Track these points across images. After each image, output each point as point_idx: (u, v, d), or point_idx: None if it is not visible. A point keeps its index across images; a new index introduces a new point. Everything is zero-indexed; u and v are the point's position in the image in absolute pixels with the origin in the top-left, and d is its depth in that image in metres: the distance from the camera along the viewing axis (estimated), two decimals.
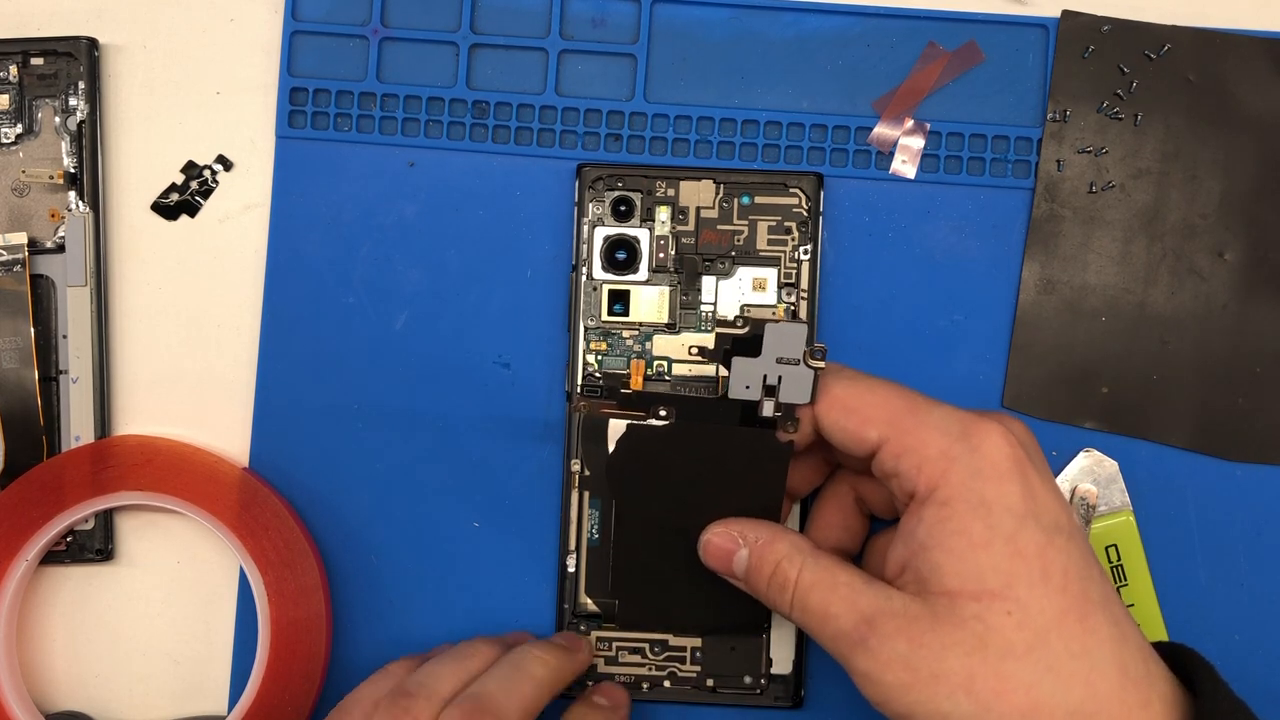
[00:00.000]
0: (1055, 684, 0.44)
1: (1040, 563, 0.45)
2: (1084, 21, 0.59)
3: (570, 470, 0.57)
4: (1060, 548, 0.45)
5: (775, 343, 0.52)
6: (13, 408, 0.58)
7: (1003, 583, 0.45)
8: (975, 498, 0.46)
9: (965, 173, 0.59)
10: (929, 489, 0.47)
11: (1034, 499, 0.46)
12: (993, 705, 0.44)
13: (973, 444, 0.46)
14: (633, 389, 0.56)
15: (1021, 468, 0.46)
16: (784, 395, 0.52)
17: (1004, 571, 0.45)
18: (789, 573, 0.49)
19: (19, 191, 0.59)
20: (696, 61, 0.60)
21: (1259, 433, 0.58)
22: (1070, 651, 0.45)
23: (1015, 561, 0.45)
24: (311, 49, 0.60)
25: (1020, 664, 0.44)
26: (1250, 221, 0.58)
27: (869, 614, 0.46)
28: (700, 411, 0.54)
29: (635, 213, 0.57)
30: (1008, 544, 0.45)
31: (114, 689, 0.60)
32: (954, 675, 0.45)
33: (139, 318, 0.60)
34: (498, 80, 0.60)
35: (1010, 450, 0.46)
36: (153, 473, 0.57)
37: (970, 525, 0.45)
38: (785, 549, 0.50)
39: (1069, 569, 0.45)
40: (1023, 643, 0.44)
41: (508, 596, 0.58)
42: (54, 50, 0.59)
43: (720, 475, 0.54)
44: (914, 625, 0.45)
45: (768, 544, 0.51)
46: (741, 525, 0.52)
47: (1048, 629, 0.44)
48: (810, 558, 0.49)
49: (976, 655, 0.44)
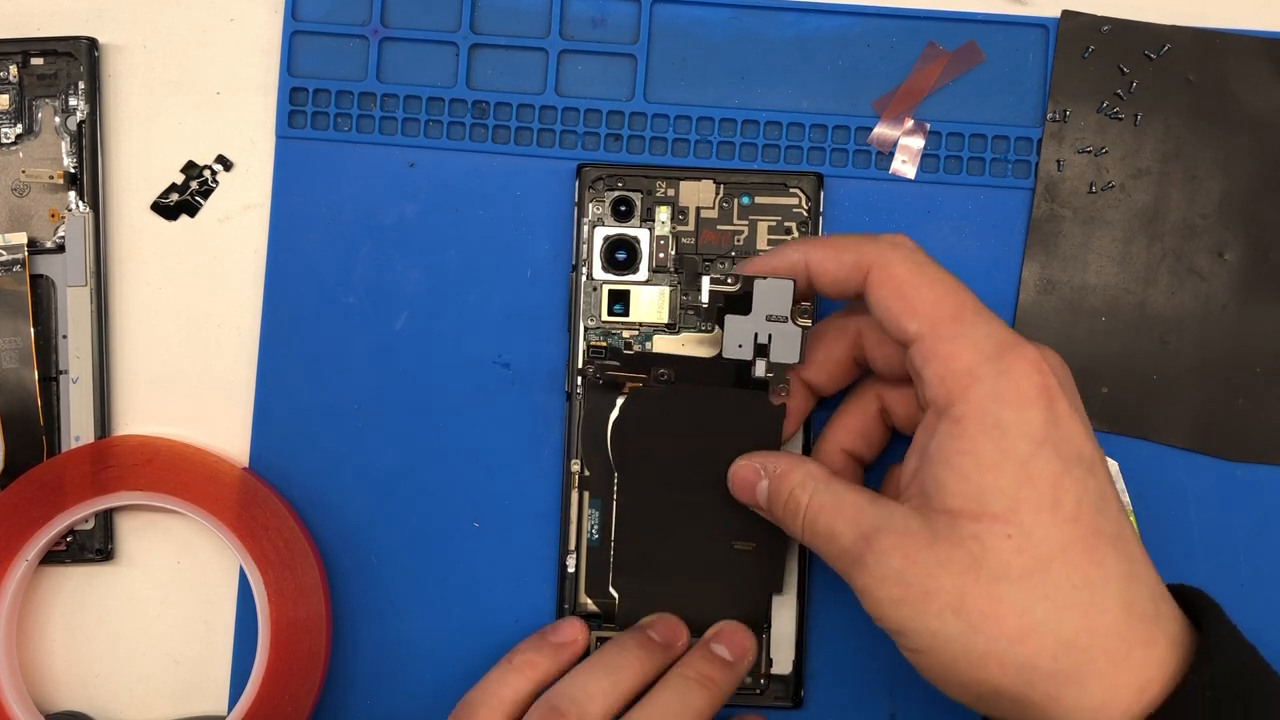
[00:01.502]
0: (1050, 612, 0.44)
1: (1052, 491, 0.44)
2: (1084, 21, 0.59)
3: (570, 470, 0.57)
4: (1077, 479, 0.45)
5: (764, 299, 0.52)
6: (13, 408, 0.58)
7: (1007, 506, 0.44)
8: (991, 419, 0.45)
9: (965, 173, 0.59)
10: (947, 403, 0.46)
11: (1057, 428, 0.45)
12: (981, 626, 0.44)
13: (1002, 366, 0.46)
14: (634, 351, 0.57)
15: (1049, 396, 0.45)
16: (775, 355, 0.53)
17: (1010, 495, 0.44)
18: (800, 498, 0.50)
19: (19, 191, 0.59)
20: (696, 61, 0.60)
21: (1259, 433, 0.58)
22: (1071, 582, 0.44)
23: (1024, 487, 0.44)
24: (311, 49, 0.60)
25: (1014, 588, 0.44)
26: (1250, 221, 0.58)
27: (868, 531, 0.47)
28: (697, 373, 0.55)
29: (635, 213, 0.57)
30: (1019, 469, 0.44)
31: (114, 689, 0.60)
32: (945, 593, 0.45)
33: (139, 318, 0.60)
34: (498, 80, 0.60)
35: (1040, 378, 0.45)
36: (153, 473, 0.57)
37: (981, 446, 0.45)
38: (799, 477, 0.51)
39: (1083, 500, 0.45)
40: (1020, 567, 0.44)
41: (508, 596, 0.58)
42: (54, 50, 0.59)
43: (717, 438, 0.55)
44: (910, 541, 0.46)
45: (785, 473, 0.51)
46: (764, 457, 0.53)
47: (1050, 557, 0.44)
48: (822, 484, 0.50)
49: (969, 575, 0.44)
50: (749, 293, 0.52)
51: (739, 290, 0.52)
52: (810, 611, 0.58)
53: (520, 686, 0.53)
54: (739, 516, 0.55)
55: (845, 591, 0.57)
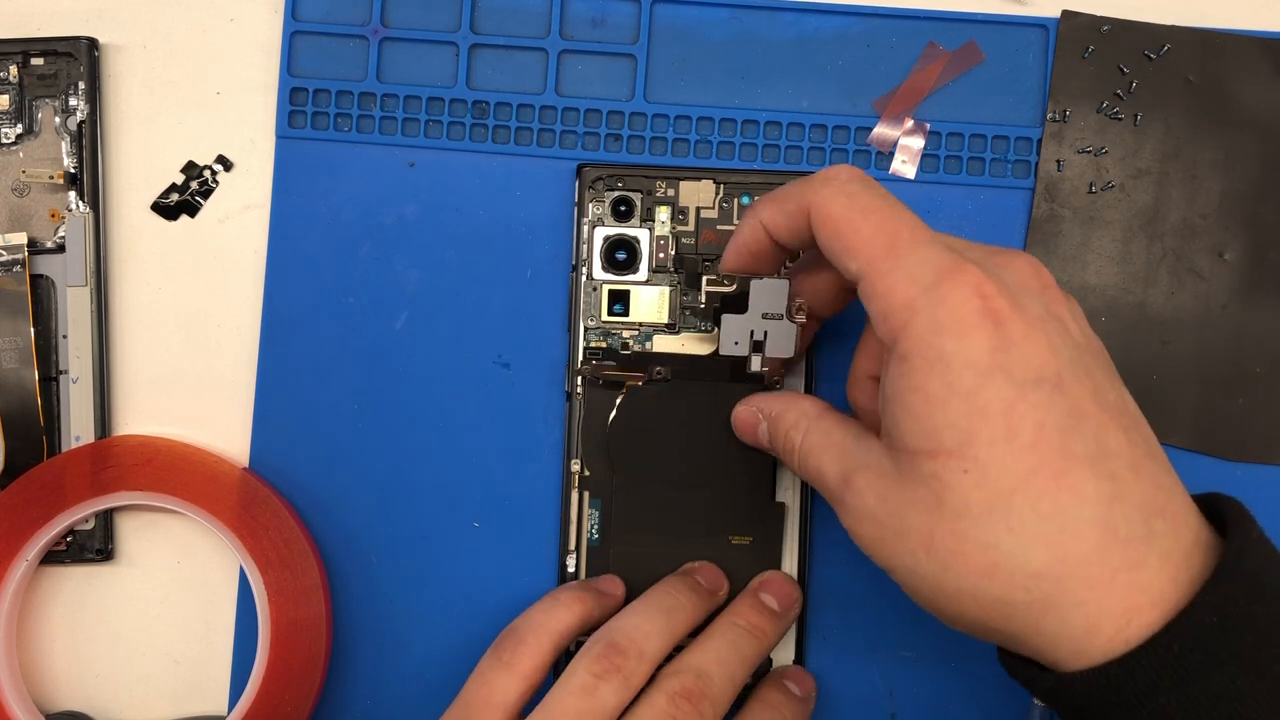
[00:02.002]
0: (1016, 545, 0.42)
1: (1006, 420, 0.42)
2: (1084, 21, 0.59)
3: (570, 470, 0.57)
4: (1036, 402, 0.43)
5: (760, 299, 0.53)
6: (13, 408, 0.58)
7: (959, 440, 0.43)
8: (933, 353, 0.43)
9: (965, 173, 0.59)
10: (892, 339, 0.44)
11: (1007, 351, 0.43)
12: (951, 564, 0.43)
13: (939, 295, 0.43)
14: (632, 351, 0.57)
15: (996, 318, 0.43)
16: (770, 350, 0.53)
17: (961, 429, 0.43)
18: (794, 439, 0.50)
19: (19, 191, 0.59)
20: (696, 61, 0.60)
21: (1259, 433, 0.58)
22: (1038, 512, 0.42)
23: (974, 419, 0.42)
24: (311, 49, 0.60)
25: (977, 524, 0.43)
26: (1250, 221, 0.58)
27: (849, 471, 0.47)
28: (694, 370, 0.56)
29: (635, 213, 0.57)
30: (966, 401, 0.43)
31: (114, 689, 0.60)
32: (915, 533, 0.44)
33: (139, 318, 0.60)
34: (498, 80, 0.60)
35: (979, 302, 0.43)
36: (153, 473, 0.57)
37: (926, 382, 0.43)
38: (794, 418, 0.51)
39: (1045, 423, 0.42)
40: (980, 502, 0.43)
41: (508, 596, 0.58)
42: (54, 50, 0.59)
43: (713, 433, 0.56)
44: (882, 481, 0.45)
45: (779, 416, 0.52)
46: (761, 400, 0.53)
47: (1012, 489, 0.42)
48: (815, 422, 0.50)
49: (935, 514, 0.43)
50: (745, 292, 0.52)
51: (735, 290, 0.53)
52: (810, 610, 0.58)
53: (567, 619, 0.52)
54: (735, 511, 0.56)
55: (845, 590, 0.58)
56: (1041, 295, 0.45)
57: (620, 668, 0.49)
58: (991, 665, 0.49)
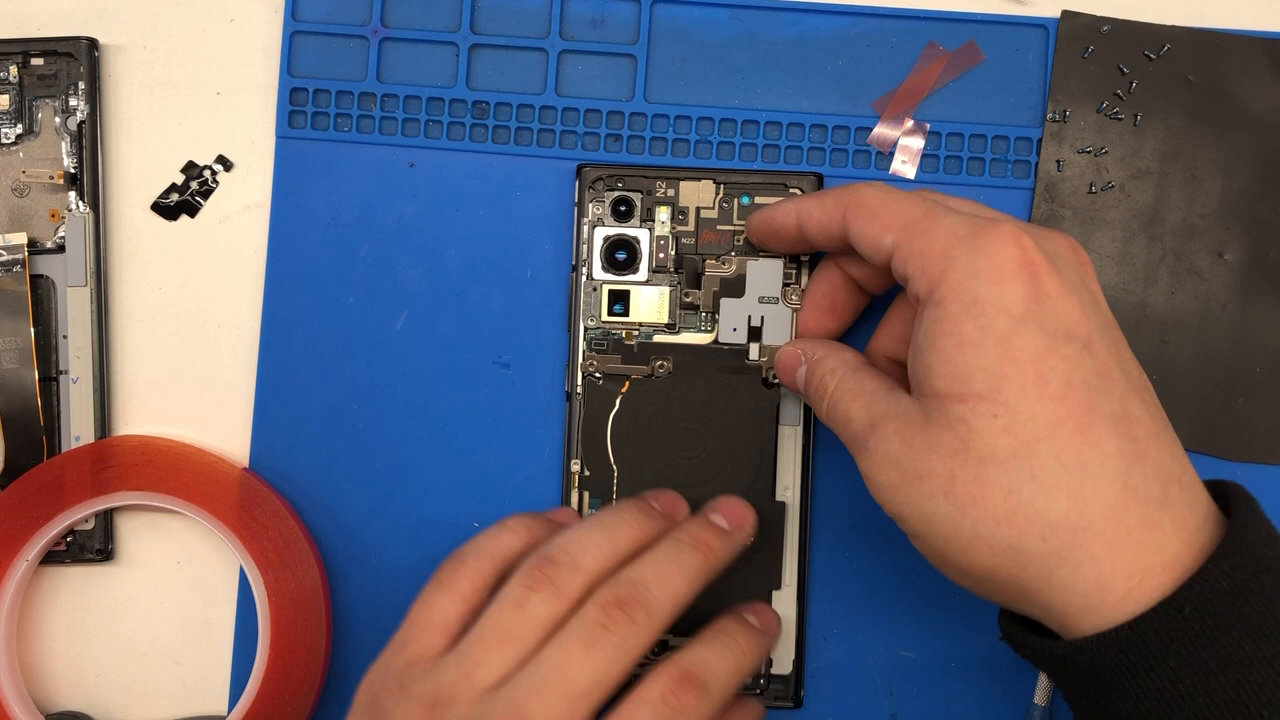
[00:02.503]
0: (1037, 492, 0.43)
1: (1036, 368, 0.43)
2: (1084, 22, 0.59)
3: (570, 470, 0.57)
4: (1066, 356, 0.44)
5: (757, 280, 0.55)
6: (13, 408, 0.58)
7: (990, 385, 0.43)
8: (970, 296, 0.44)
9: (965, 173, 0.59)
10: (929, 290, 0.45)
11: (1041, 302, 0.44)
12: (968, 509, 0.44)
13: (976, 244, 0.45)
14: (634, 343, 0.57)
15: (1031, 269, 0.44)
16: (767, 337, 0.55)
17: (992, 374, 0.43)
18: (829, 383, 0.51)
19: (19, 191, 0.59)
20: (696, 61, 0.60)
21: (1259, 433, 0.58)
22: (1061, 462, 0.43)
23: (1006, 364, 0.43)
24: (311, 49, 0.60)
25: (1001, 469, 0.43)
26: (1250, 221, 0.58)
27: (875, 418, 0.47)
28: (695, 359, 0.57)
29: (635, 213, 0.57)
30: (999, 345, 0.44)
31: (114, 689, 0.60)
32: (935, 476, 0.44)
33: (139, 318, 0.60)
34: (498, 80, 0.60)
35: (1017, 252, 0.44)
36: (153, 473, 0.57)
37: (961, 325, 0.44)
38: (832, 364, 0.51)
39: (1073, 378, 0.44)
40: (1006, 448, 0.43)
41: None
42: (54, 50, 0.59)
43: (713, 426, 0.57)
44: (908, 427, 0.46)
45: (821, 360, 0.52)
46: (806, 343, 0.54)
47: (1038, 436, 0.43)
48: (850, 371, 0.50)
49: (958, 457, 0.44)
50: (742, 275, 0.54)
51: (734, 274, 0.55)
52: (810, 610, 0.58)
53: (511, 543, 0.52)
54: None
55: (845, 590, 0.58)
56: (1078, 269, 0.46)
57: (552, 579, 0.48)
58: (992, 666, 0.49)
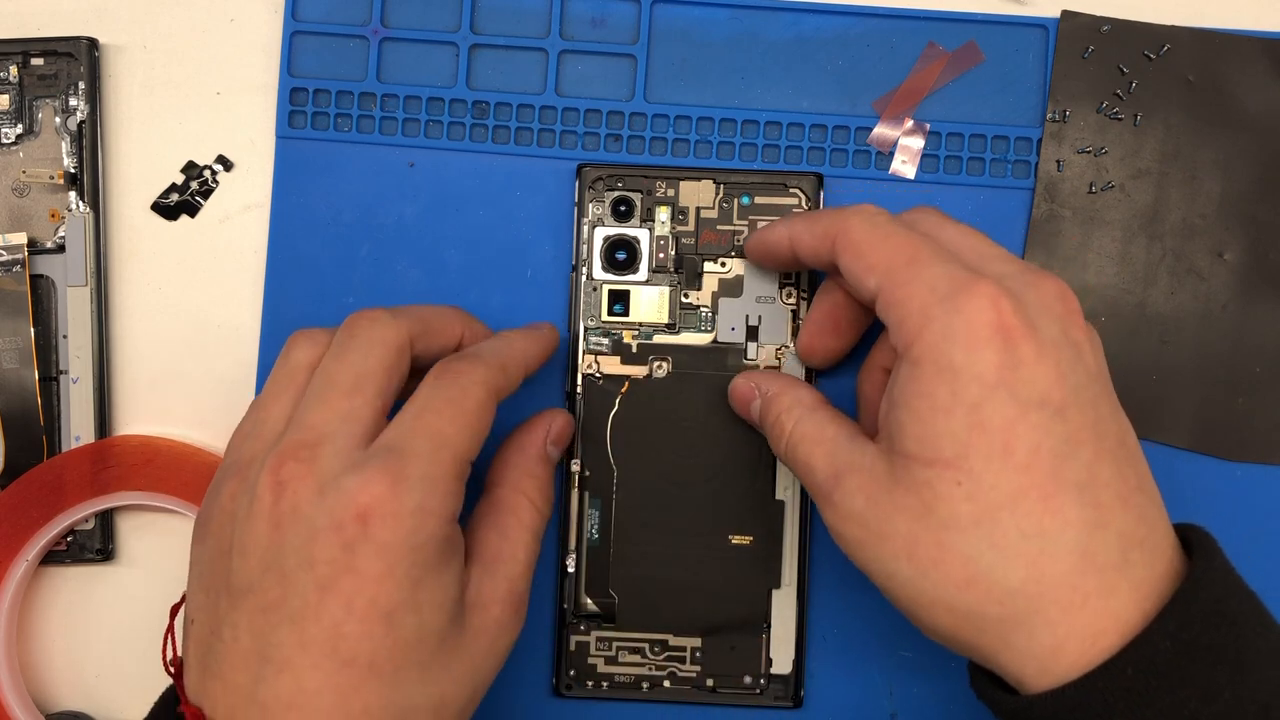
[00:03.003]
0: (996, 560, 0.43)
1: (1003, 437, 0.43)
2: (1084, 21, 0.59)
3: (570, 470, 0.57)
4: (1035, 424, 0.43)
5: (754, 280, 0.55)
6: (13, 408, 0.58)
7: (957, 452, 0.43)
8: (944, 361, 0.44)
9: (965, 173, 0.59)
10: (906, 346, 0.45)
11: (1015, 369, 0.43)
12: (929, 572, 0.44)
13: (955, 304, 0.44)
14: (634, 343, 0.57)
15: (1007, 335, 0.44)
16: (764, 336, 0.56)
17: (960, 441, 0.43)
18: (785, 424, 0.51)
19: (19, 191, 0.59)
20: (696, 61, 0.60)
21: (1259, 433, 0.58)
22: (1021, 531, 0.43)
23: (974, 433, 0.43)
24: (311, 49, 0.60)
25: (963, 536, 0.43)
26: (1250, 221, 0.58)
27: (840, 468, 0.47)
28: (694, 360, 0.57)
29: (635, 213, 0.57)
30: (969, 413, 0.43)
31: (114, 689, 0.60)
32: (898, 538, 0.45)
33: (139, 318, 0.60)
34: (498, 80, 0.60)
35: (994, 316, 0.44)
36: (153, 473, 0.57)
37: (934, 389, 0.44)
38: (788, 402, 0.51)
39: (1040, 446, 0.43)
40: (969, 515, 0.43)
41: None
42: (54, 50, 0.59)
43: (711, 426, 0.57)
44: (874, 484, 0.46)
45: (775, 397, 0.52)
46: (761, 377, 0.54)
47: (999, 505, 0.43)
48: (807, 412, 0.50)
49: (921, 521, 0.44)
50: (740, 275, 0.55)
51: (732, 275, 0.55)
52: (810, 610, 0.58)
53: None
54: (736, 510, 0.57)
55: (845, 590, 0.58)
56: (1062, 320, 0.46)
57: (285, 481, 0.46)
58: None
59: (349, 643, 0.44)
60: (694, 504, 0.57)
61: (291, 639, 0.44)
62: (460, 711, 0.47)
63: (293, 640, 0.44)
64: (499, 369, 0.50)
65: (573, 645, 0.57)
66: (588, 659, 0.57)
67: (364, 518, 0.44)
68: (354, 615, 0.44)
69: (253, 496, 0.46)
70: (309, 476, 0.45)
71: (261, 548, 0.45)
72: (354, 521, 0.44)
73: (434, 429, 0.46)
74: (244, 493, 0.46)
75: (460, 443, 0.47)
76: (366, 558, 0.44)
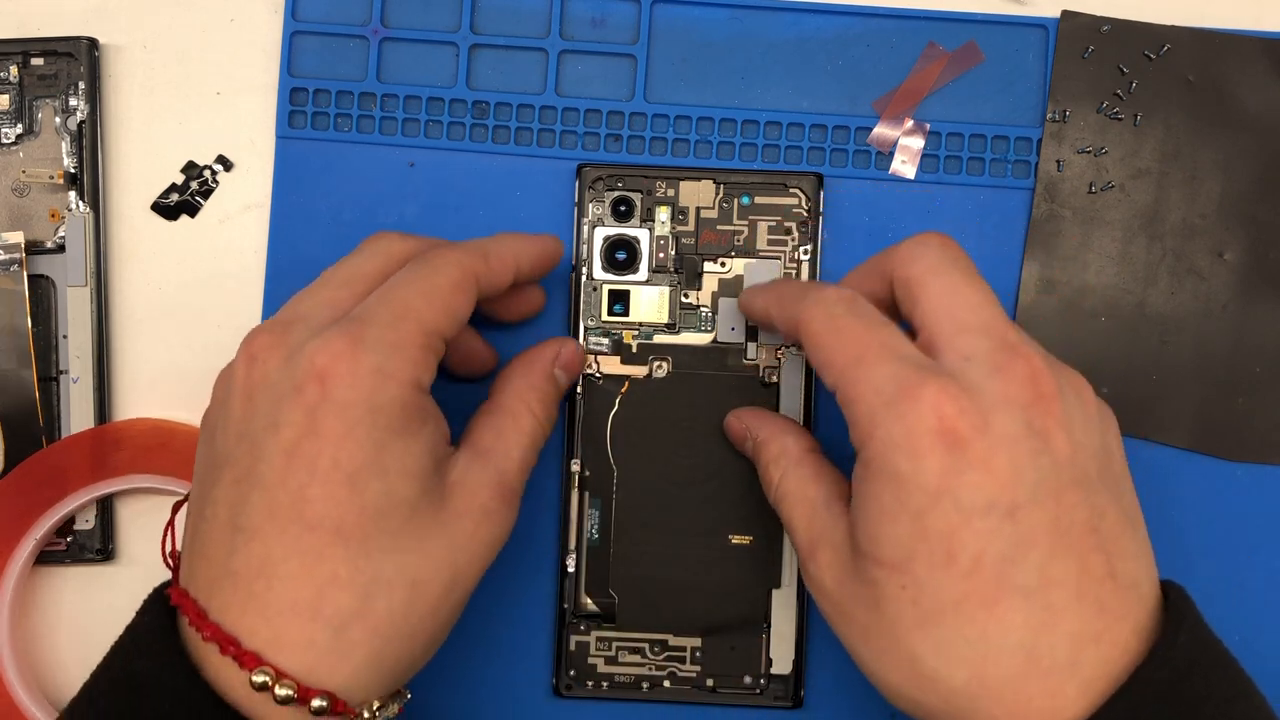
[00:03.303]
0: (940, 663, 0.43)
1: (946, 545, 0.43)
2: (1084, 22, 0.59)
3: (570, 470, 0.57)
4: (980, 531, 0.43)
5: (754, 280, 0.56)
6: (12, 408, 0.58)
7: (903, 557, 0.43)
8: (890, 468, 0.44)
9: (965, 173, 0.59)
10: (859, 445, 0.45)
11: (960, 474, 0.43)
12: (881, 660, 0.45)
13: (898, 411, 0.44)
14: (633, 343, 0.58)
15: (951, 440, 0.43)
16: (764, 336, 0.57)
17: (904, 546, 0.43)
18: (773, 475, 0.52)
19: (19, 191, 0.59)
20: (696, 62, 0.60)
21: (1259, 433, 0.58)
22: (965, 637, 0.43)
23: (917, 540, 0.43)
24: (311, 49, 0.60)
25: (907, 636, 0.44)
26: (1250, 221, 0.58)
27: (815, 540, 0.48)
28: (693, 359, 0.57)
29: (635, 213, 0.57)
30: (913, 521, 0.43)
31: None
32: (856, 623, 0.46)
33: (139, 318, 0.60)
34: (498, 80, 0.60)
35: (935, 422, 0.43)
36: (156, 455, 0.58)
37: (882, 493, 0.44)
38: (775, 452, 0.52)
39: (985, 553, 0.43)
40: (913, 618, 0.44)
41: (507, 596, 0.58)
42: (54, 50, 0.59)
43: (713, 430, 0.57)
44: (839, 565, 0.47)
45: (764, 444, 0.53)
46: (753, 418, 0.55)
47: (943, 610, 0.43)
48: (794, 466, 0.51)
49: (873, 614, 0.45)
50: (740, 275, 0.55)
51: (732, 275, 0.56)
52: (810, 610, 0.58)
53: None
54: (735, 509, 0.57)
55: None
56: (1028, 409, 0.44)
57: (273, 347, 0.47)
58: None
59: (314, 506, 0.44)
60: (694, 504, 0.57)
61: (261, 507, 0.44)
62: (438, 597, 0.47)
63: (262, 508, 0.44)
64: (479, 255, 0.50)
65: (573, 645, 0.57)
66: (588, 659, 0.57)
67: (322, 378, 0.44)
68: (317, 478, 0.44)
69: (231, 375, 0.47)
70: (279, 347, 0.46)
71: (236, 420, 0.46)
72: (314, 382, 0.44)
73: (399, 299, 0.47)
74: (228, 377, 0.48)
75: (426, 314, 0.47)
76: (326, 418, 0.44)
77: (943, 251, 0.48)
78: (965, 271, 0.47)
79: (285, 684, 0.43)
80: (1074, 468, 0.44)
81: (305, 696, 0.43)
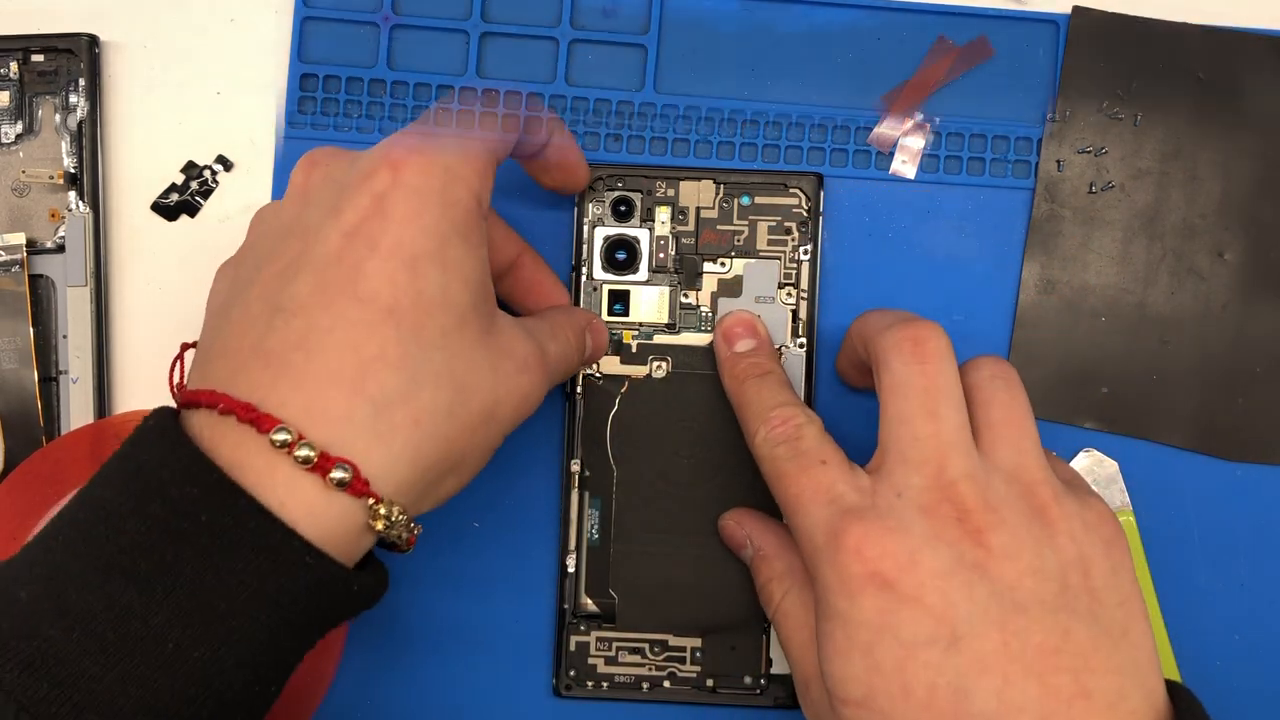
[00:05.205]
0: None
1: (900, 678, 0.43)
2: (1094, 18, 0.59)
3: (570, 470, 0.57)
4: (926, 662, 0.43)
5: (753, 281, 0.56)
6: (12, 408, 0.58)
7: (864, 693, 0.44)
8: (834, 609, 0.45)
9: (965, 173, 0.59)
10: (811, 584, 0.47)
11: (895, 611, 0.43)
12: None
13: (829, 556, 0.45)
14: (633, 343, 0.58)
15: (880, 580, 0.44)
16: None
17: (863, 683, 0.44)
18: (775, 594, 0.52)
19: (19, 191, 0.59)
20: (707, 53, 0.60)
21: (1259, 433, 0.58)
22: None
23: (873, 675, 0.44)
24: (322, 35, 0.60)
25: None
26: (1250, 221, 0.58)
27: (807, 674, 0.49)
28: (694, 360, 0.57)
29: (635, 213, 0.57)
30: (865, 656, 0.44)
31: None
32: None
33: (139, 318, 0.60)
34: (508, 69, 0.60)
35: (860, 568, 0.44)
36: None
37: (833, 632, 0.45)
38: (780, 570, 0.52)
39: (936, 684, 0.43)
40: None
41: (508, 596, 0.58)
42: (54, 47, 0.59)
43: (711, 425, 0.57)
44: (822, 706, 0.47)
45: (764, 559, 0.54)
46: (754, 526, 0.55)
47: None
48: (795, 588, 0.51)
49: None
50: (740, 276, 0.56)
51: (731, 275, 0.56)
52: None
53: None
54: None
55: None
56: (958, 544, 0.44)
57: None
58: None
59: (369, 281, 0.42)
60: (694, 504, 0.57)
61: (308, 285, 0.42)
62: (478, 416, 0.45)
63: (309, 286, 0.42)
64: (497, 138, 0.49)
65: (573, 645, 0.57)
66: (588, 659, 0.57)
67: (396, 165, 0.44)
68: (378, 254, 0.42)
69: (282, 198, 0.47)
70: (342, 156, 0.46)
71: (284, 222, 0.46)
72: (386, 168, 0.44)
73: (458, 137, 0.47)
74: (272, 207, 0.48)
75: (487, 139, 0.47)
76: (397, 202, 0.43)
77: (906, 370, 0.47)
78: (921, 397, 0.47)
79: (306, 444, 0.40)
80: (1019, 592, 0.44)
81: (326, 465, 0.40)
